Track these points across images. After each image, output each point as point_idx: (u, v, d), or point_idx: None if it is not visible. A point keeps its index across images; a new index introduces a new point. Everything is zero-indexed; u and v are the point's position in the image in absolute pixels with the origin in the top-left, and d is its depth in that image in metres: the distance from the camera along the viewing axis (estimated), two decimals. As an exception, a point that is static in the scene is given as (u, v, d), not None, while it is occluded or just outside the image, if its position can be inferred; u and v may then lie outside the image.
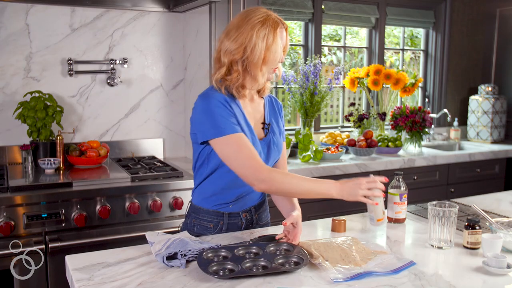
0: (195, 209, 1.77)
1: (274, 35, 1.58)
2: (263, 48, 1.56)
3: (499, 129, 4.09)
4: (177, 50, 3.19)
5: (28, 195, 2.22)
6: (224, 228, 1.74)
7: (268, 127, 1.74)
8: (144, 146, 3.13)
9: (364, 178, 1.51)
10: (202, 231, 1.75)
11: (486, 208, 2.07)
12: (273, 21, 1.59)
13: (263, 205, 1.85)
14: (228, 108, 1.60)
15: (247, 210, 1.77)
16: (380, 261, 1.45)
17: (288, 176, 1.54)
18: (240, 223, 1.77)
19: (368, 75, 3.64)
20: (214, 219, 1.74)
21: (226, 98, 1.62)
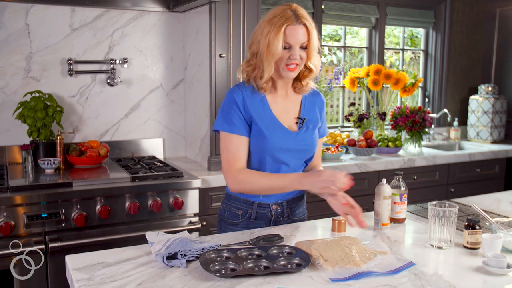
0: (227, 195, 1.86)
1: (276, 32, 1.62)
2: (265, 44, 1.65)
3: (499, 129, 4.09)
4: (177, 50, 3.19)
5: (28, 195, 2.22)
6: (253, 217, 1.81)
7: (302, 122, 1.78)
8: (144, 146, 3.13)
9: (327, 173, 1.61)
10: (232, 217, 1.83)
11: (486, 208, 2.07)
12: (284, 19, 1.63)
13: (298, 200, 1.88)
14: (239, 108, 1.71)
15: (279, 203, 1.82)
16: (380, 261, 1.45)
17: (254, 175, 1.70)
18: (270, 215, 1.82)
19: (368, 75, 3.64)
20: (243, 206, 1.81)
21: (245, 97, 1.72)
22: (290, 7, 1.66)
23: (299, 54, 1.66)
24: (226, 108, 1.73)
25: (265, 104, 1.75)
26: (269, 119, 1.74)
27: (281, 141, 1.73)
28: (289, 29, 1.63)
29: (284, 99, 1.79)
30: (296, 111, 1.81)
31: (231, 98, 1.73)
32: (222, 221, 1.88)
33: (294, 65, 1.68)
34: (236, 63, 2.77)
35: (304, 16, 1.66)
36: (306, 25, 1.66)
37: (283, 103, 1.79)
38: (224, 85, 2.76)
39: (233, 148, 1.71)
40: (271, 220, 1.82)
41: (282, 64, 1.67)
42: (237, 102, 1.72)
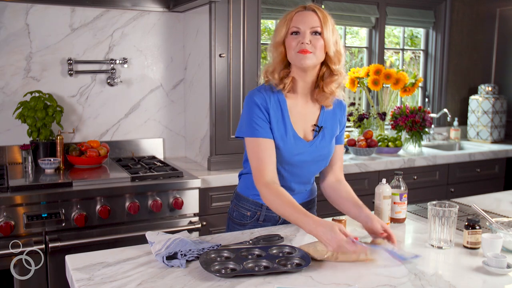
0: (237, 195, 1.85)
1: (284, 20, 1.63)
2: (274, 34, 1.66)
3: (499, 129, 4.09)
4: (177, 50, 3.19)
5: (28, 195, 2.22)
6: (261, 219, 1.79)
7: (319, 130, 1.72)
8: (144, 146, 3.13)
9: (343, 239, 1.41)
10: (240, 218, 1.82)
11: (486, 208, 2.07)
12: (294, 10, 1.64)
13: (308, 204, 1.86)
14: (261, 110, 1.63)
15: None
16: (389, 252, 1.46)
17: (278, 199, 1.57)
18: (278, 217, 1.81)
19: (368, 75, 3.64)
20: (252, 208, 1.79)
21: (266, 98, 1.65)
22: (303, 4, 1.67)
23: (310, 39, 1.58)
24: (248, 112, 1.65)
25: (284, 108, 1.67)
26: (284, 127, 1.66)
27: (294, 152, 1.67)
28: (297, 15, 1.62)
29: (304, 104, 1.71)
30: (315, 118, 1.73)
31: (252, 101, 1.65)
32: (231, 220, 1.86)
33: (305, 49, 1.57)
34: (236, 63, 2.77)
35: (316, 6, 1.64)
36: (316, 11, 1.61)
37: (303, 108, 1.70)
38: (224, 85, 2.76)
39: (261, 154, 1.61)
40: (278, 222, 1.82)
41: (293, 51, 1.59)
42: (259, 104, 1.64)
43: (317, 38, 1.60)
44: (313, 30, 1.60)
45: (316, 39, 1.60)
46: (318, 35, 1.60)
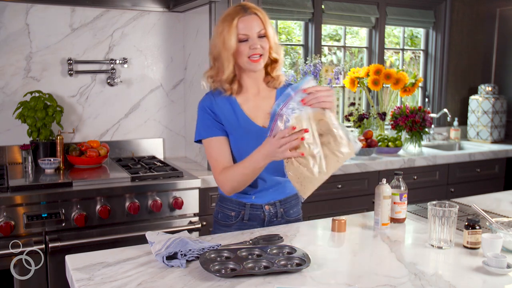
0: (220, 197, 1.86)
1: (229, 27, 1.64)
2: (221, 42, 1.66)
3: (499, 129, 4.09)
4: (177, 50, 3.19)
5: (28, 195, 2.22)
6: (246, 218, 1.80)
7: None
8: (144, 146, 3.13)
9: (278, 136, 1.50)
10: (225, 219, 1.83)
11: (486, 208, 2.07)
12: (234, 13, 1.65)
13: (292, 200, 1.87)
14: (208, 113, 1.74)
15: (271, 203, 1.81)
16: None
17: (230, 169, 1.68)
18: (263, 215, 1.81)
19: (368, 75, 3.64)
20: (236, 208, 1.80)
21: (211, 100, 1.74)
22: (240, 4, 1.70)
23: (259, 44, 1.65)
24: (200, 117, 1.76)
25: (236, 106, 1.74)
26: (240, 121, 1.73)
27: (255, 141, 1.69)
28: (242, 21, 1.64)
29: (256, 96, 1.77)
30: (269, 106, 1.76)
31: (201, 106, 1.76)
32: (216, 223, 1.87)
33: (258, 56, 1.66)
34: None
35: (254, 7, 1.68)
36: (258, 14, 1.67)
37: (255, 100, 1.77)
38: (224, 85, 2.76)
39: (215, 152, 1.73)
40: (265, 221, 1.81)
41: (244, 58, 1.66)
42: (206, 109, 1.74)
43: (264, 41, 1.68)
44: (259, 34, 1.67)
45: (263, 42, 1.68)
46: (264, 37, 1.68)
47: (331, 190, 3.04)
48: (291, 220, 1.88)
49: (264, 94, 1.79)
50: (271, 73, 1.78)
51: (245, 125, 1.73)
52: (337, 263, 1.46)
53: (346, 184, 3.09)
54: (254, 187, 1.78)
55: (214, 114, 1.73)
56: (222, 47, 1.66)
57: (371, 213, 1.93)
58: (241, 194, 1.79)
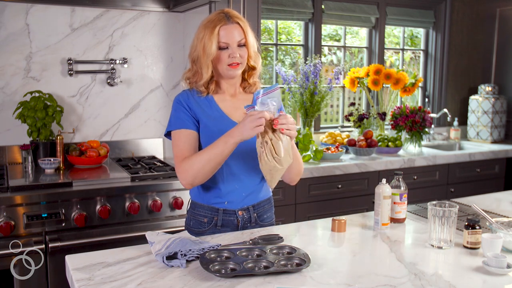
0: (192, 203, 1.84)
1: (210, 33, 1.66)
2: (201, 47, 1.69)
3: (499, 129, 4.09)
4: (177, 50, 3.19)
5: (28, 195, 2.22)
6: (219, 224, 1.77)
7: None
8: (144, 146, 3.13)
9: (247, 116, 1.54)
10: (197, 226, 1.80)
11: (486, 208, 2.07)
12: (217, 21, 1.67)
13: (265, 204, 1.84)
14: (185, 106, 1.74)
15: (244, 209, 1.78)
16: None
17: (193, 156, 1.66)
18: (236, 221, 1.77)
19: (368, 75, 3.64)
20: (209, 214, 1.77)
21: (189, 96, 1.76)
22: (223, 11, 1.71)
23: (238, 52, 1.68)
24: (173, 111, 1.76)
25: (212, 103, 1.76)
26: (216, 115, 1.74)
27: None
28: (223, 29, 1.67)
29: (232, 97, 1.80)
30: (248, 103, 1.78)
31: (176, 100, 1.77)
32: (188, 230, 1.83)
33: (236, 64, 1.69)
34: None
35: (236, 16, 1.71)
36: (240, 23, 1.69)
37: (232, 101, 1.79)
38: (224, 85, 2.76)
39: (181, 142, 1.71)
40: (238, 226, 1.78)
41: (224, 65, 1.69)
42: (182, 102, 1.75)
43: (243, 49, 1.71)
44: (239, 43, 1.70)
45: (242, 51, 1.71)
46: (243, 46, 1.71)
47: (331, 190, 3.04)
48: (265, 225, 1.84)
49: (241, 97, 1.82)
50: (248, 80, 1.81)
51: (222, 120, 1.74)
52: (337, 263, 1.46)
53: (346, 184, 3.09)
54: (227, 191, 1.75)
55: (190, 108, 1.74)
56: (202, 52, 1.69)
57: (371, 213, 1.93)
58: (214, 199, 1.76)
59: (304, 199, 2.94)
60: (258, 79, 1.85)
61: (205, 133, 1.73)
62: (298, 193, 2.93)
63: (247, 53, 1.73)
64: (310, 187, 2.96)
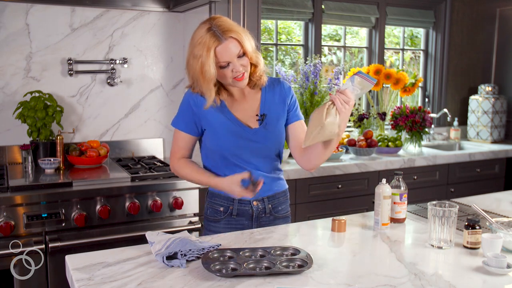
0: (210, 193, 1.90)
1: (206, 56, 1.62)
2: (198, 67, 1.65)
3: (499, 129, 4.09)
4: (177, 50, 3.19)
5: (28, 195, 2.22)
6: (234, 213, 1.82)
7: (262, 118, 1.78)
8: (144, 146, 3.13)
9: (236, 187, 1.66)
10: (214, 214, 1.86)
11: (486, 208, 2.07)
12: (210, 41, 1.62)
13: (280, 197, 1.88)
14: (191, 109, 1.78)
15: (259, 199, 1.82)
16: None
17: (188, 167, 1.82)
18: (251, 211, 1.82)
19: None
20: (225, 203, 1.83)
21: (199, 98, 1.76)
22: (211, 26, 1.63)
23: (240, 64, 1.66)
24: (181, 107, 1.82)
25: (223, 106, 1.77)
26: (226, 119, 1.76)
27: (239, 140, 1.75)
28: (219, 49, 1.62)
29: (242, 99, 1.81)
30: (255, 108, 1.81)
31: (187, 99, 1.79)
32: (205, 219, 1.91)
33: (241, 75, 1.68)
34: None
35: (227, 29, 1.63)
36: (233, 36, 1.63)
37: (241, 104, 1.80)
38: (224, 85, 2.76)
39: (179, 141, 1.83)
40: (253, 216, 1.83)
41: (229, 79, 1.68)
42: (192, 105, 1.77)
43: (244, 59, 1.68)
44: (239, 55, 1.66)
45: (244, 60, 1.68)
46: (243, 55, 1.68)
47: (331, 190, 3.04)
48: (279, 217, 1.88)
49: (250, 97, 1.82)
50: (253, 78, 1.78)
51: (231, 123, 1.76)
52: (337, 263, 1.46)
53: (346, 184, 3.09)
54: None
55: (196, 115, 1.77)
56: (200, 75, 1.65)
57: (371, 213, 1.94)
58: None
59: (304, 199, 2.94)
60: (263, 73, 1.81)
61: (214, 136, 1.77)
62: (298, 193, 2.92)
63: (248, 59, 1.70)
64: (310, 187, 2.96)
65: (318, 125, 1.57)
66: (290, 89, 1.87)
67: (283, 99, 1.84)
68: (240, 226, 1.83)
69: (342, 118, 1.59)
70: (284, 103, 1.84)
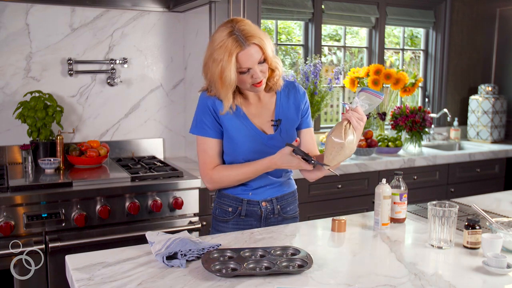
0: (218, 193, 1.88)
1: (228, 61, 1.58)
2: (218, 72, 1.61)
3: (499, 129, 4.09)
4: (177, 50, 3.19)
5: (28, 195, 2.22)
6: (243, 214, 1.82)
7: (278, 123, 1.78)
8: (144, 146, 3.13)
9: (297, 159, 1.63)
10: (222, 215, 1.85)
11: (486, 208, 2.07)
12: (232, 46, 1.58)
13: (289, 197, 1.89)
14: (211, 111, 1.74)
15: (268, 200, 1.83)
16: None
17: (228, 168, 1.76)
18: (260, 212, 1.82)
19: (368, 75, 3.64)
20: (233, 203, 1.82)
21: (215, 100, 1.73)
22: (232, 28, 1.59)
23: (259, 70, 1.63)
24: (199, 112, 1.76)
25: (238, 110, 1.75)
26: (241, 124, 1.75)
27: (254, 145, 1.75)
28: (241, 55, 1.59)
29: (258, 103, 1.79)
30: (270, 113, 1.80)
31: (203, 102, 1.75)
32: (214, 219, 1.90)
33: (259, 82, 1.66)
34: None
35: (250, 33, 1.59)
36: (255, 42, 1.60)
37: (257, 108, 1.79)
38: (224, 85, 2.76)
39: (208, 149, 1.76)
40: (261, 217, 1.83)
41: (247, 85, 1.66)
42: (209, 107, 1.74)
43: (264, 65, 1.66)
44: (259, 61, 1.63)
45: (263, 66, 1.66)
46: (264, 61, 1.65)
47: (331, 190, 3.04)
48: (288, 217, 1.89)
49: (265, 101, 1.80)
50: (269, 82, 1.76)
51: (246, 128, 1.75)
52: (337, 263, 1.46)
53: (346, 184, 3.09)
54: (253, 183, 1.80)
55: (216, 114, 1.74)
56: (219, 79, 1.62)
57: (371, 213, 1.94)
58: (238, 190, 1.81)
59: (304, 199, 2.94)
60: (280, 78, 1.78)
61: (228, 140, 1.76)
62: (298, 193, 2.90)
63: (268, 66, 1.67)
64: (310, 187, 2.96)
65: (338, 145, 1.59)
66: (304, 94, 1.86)
67: (297, 104, 1.82)
68: (249, 226, 1.83)
69: (358, 135, 1.60)
70: (299, 109, 1.83)
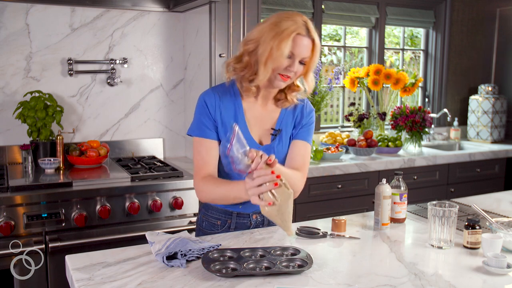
0: (205, 205, 1.79)
1: (286, 37, 1.52)
2: (268, 47, 1.53)
3: (499, 129, 4.09)
4: (177, 50, 3.19)
5: (28, 195, 2.22)
6: (232, 227, 1.75)
7: (277, 133, 1.71)
8: (144, 146, 3.13)
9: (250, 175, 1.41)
10: (210, 228, 1.77)
11: (486, 208, 2.07)
12: (296, 26, 1.54)
13: None
14: (210, 112, 1.65)
15: (258, 212, 1.77)
16: None
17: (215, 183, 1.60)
18: (249, 224, 1.77)
19: (368, 75, 3.64)
20: (222, 217, 1.75)
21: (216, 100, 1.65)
22: (301, 17, 1.57)
23: (295, 67, 1.57)
24: (198, 112, 1.67)
25: (239, 112, 1.67)
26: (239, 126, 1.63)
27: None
28: (298, 39, 1.54)
29: (262, 107, 1.71)
30: (273, 121, 1.72)
31: (202, 101, 1.66)
32: (200, 231, 1.80)
33: (287, 77, 1.58)
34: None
35: (314, 31, 1.58)
36: (314, 41, 1.57)
37: (260, 112, 1.71)
38: (224, 85, 2.76)
39: (203, 152, 1.65)
40: (250, 228, 1.77)
41: (277, 72, 1.57)
42: (208, 106, 1.65)
43: (301, 67, 1.60)
44: (302, 59, 1.58)
45: (300, 67, 1.60)
46: (303, 64, 1.60)
47: (331, 190, 3.04)
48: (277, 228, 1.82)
49: (270, 109, 1.72)
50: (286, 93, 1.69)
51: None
52: (337, 263, 1.46)
53: (346, 184, 3.09)
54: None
55: (216, 114, 1.65)
56: (268, 53, 1.53)
57: (371, 213, 1.93)
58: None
59: (304, 199, 2.94)
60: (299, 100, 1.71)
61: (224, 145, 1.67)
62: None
63: (302, 72, 1.61)
64: (310, 187, 2.96)
65: (274, 210, 1.42)
66: (310, 113, 1.77)
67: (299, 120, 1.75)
68: None
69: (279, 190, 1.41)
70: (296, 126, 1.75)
